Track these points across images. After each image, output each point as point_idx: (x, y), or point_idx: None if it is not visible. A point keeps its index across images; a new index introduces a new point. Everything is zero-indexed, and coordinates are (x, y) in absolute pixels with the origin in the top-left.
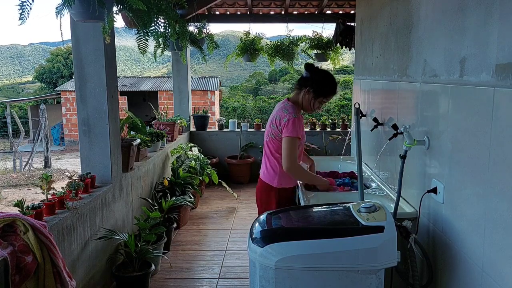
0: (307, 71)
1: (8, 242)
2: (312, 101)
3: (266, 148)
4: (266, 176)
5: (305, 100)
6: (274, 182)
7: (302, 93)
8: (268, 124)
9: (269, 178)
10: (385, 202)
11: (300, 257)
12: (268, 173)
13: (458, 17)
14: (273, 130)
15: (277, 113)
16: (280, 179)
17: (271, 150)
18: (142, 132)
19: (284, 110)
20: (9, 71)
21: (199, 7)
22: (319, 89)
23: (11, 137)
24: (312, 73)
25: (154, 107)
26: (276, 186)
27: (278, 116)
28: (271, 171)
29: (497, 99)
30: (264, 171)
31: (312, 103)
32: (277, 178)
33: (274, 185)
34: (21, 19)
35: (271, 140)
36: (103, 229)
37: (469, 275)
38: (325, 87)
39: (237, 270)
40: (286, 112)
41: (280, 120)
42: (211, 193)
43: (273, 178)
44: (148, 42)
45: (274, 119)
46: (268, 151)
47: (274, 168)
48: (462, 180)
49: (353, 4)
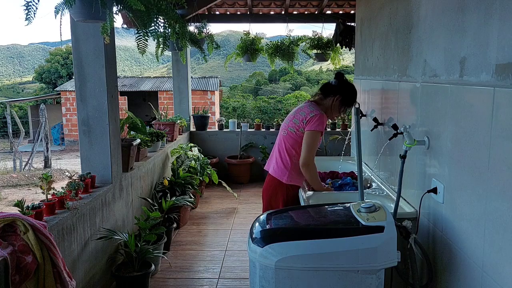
0: (337, 80)
1: (8, 242)
2: (338, 108)
3: (281, 143)
4: (276, 172)
5: (334, 107)
6: (284, 178)
7: (330, 100)
8: (289, 119)
9: (279, 173)
10: (385, 202)
11: (300, 257)
12: (279, 168)
13: (458, 17)
14: (295, 124)
15: (302, 109)
16: (291, 176)
17: (286, 145)
18: (142, 132)
19: (310, 107)
20: (9, 71)
21: (199, 7)
22: (347, 98)
23: (11, 137)
24: (342, 83)
25: (154, 107)
26: (286, 182)
27: (304, 112)
28: (281, 167)
29: (497, 99)
30: (274, 166)
31: (338, 110)
32: (288, 174)
33: (284, 181)
34: (27, 19)
35: (290, 135)
36: (103, 229)
37: (469, 275)
38: (352, 97)
39: (237, 270)
40: (313, 109)
41: (306, 115)
42: (211, 193)
43: (283, 174)
44: (148, 42)
45: (297, 114)
46: (283, 146)
47: (286, 164)
48: (462, 180)
49: (353, 4)
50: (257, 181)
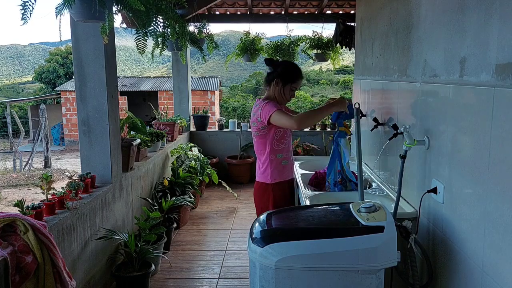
0: (269, 65)
1: (8, 242)
2: (282, 90)
3: (255, 148)
4: (260, 176)
5: (276, 92)
6: (268, 179)
7: (272, 88)
8: (251, 121)
9: (262, 176)
10: (385, 202)
11: (300, 257)
12: (260, 171)
13: (458, 17)
14: (254, 126)
15: (252, 111)
16: (273, 173)
17: (258, 149)
18: (142, 132)
19: (256, 105)
20: (9, 71)
21: (199, 7)
22: (285, 77)
23: (11, 137)
24: (274, 66)
25: (154, 107)
26: (271, 182)
27: (254, 112)
28: (262, 169)
29: (497, 99)
30: (258, 172)
31: (283, 92)
32: (270, 172)
33: (269, 181)
34: (23, 19)
35: (256, 138)
36: (103, 229)
37: (469, 275)
38: (290, 74)
39: (237, 270)
40: (258, 105)
41: (255, 113)
42: (211, 193)
43: (266, 175)
44: (147, 42)
45: (252, 117)
46: (256, 150)
47: (264, 164)
48: (462, 180)
49: (353, 4)
50: None
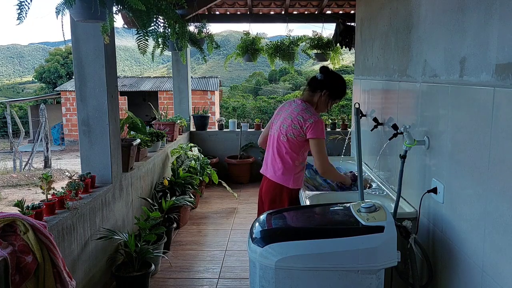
0: (323, 74)
1: (8, 242)
2: (327, 103)
3: (280, 148)
4: (278, 177)
5: (321, 102)
6: (289, 183)
7: (318, 95)
8: (287, 124)
9: (282, 179)
10: (385, 202)
11: (300, 257)
12: (282, 174)
13: (458, 17)
14: (295, 130)
15: (300, 114)
16: (295, 180)
17: (287, 150)
18: (142, 132)
19: (307, 111)
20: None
21: (199, 7)
22: (335, 92)
23: (11, 137)
24: (327, 76)
25: (154, 107)
26: (292, 187)
27: (302, 117)
28: (284, 171)
29: (497, 99)
30: (277, 173)
31: (327, 104)
32: (293, 178)
33: (290, 186)
34: (19, 19)
35: (291, 140)
36: (103, 229)
37: (469, 275)
38: (340, 90)
39: (237, 270)
40: (310, 114)
41: (304, 121)
42: (211, 193)
43: (288, 179)
44: (148, 42)
45: (295, 119)
46: (283, 151)
47: (289, 168)
48: (462, 180)
49: (353, 4)
50: (257, 181)
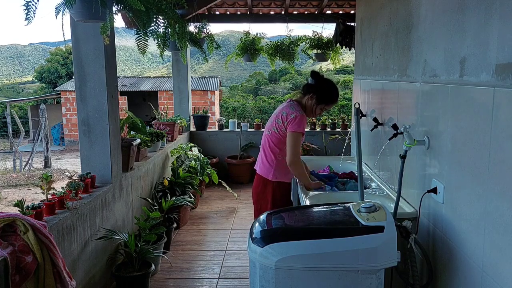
0: (313, 79)
1: (8, 242)
2: (314, 107)
3: (265, 143)
4: (262, 170)
5: (308, 105)
6: (269, 175)
7: (306, 98)
8: (273, 119)
9: (264, 171)
10: (385, 202)
11: (300, 257)
12: (264, 166)
13: (458, 17)
14: (278, 124)
15: (284, 109)
16: (276, 173)
17: (270, 144)
18: (142, 132)
19: (291, 107)
20: (9, 71)
21: (199, 7)
22: (322, 97)
23: (11, 137)
24: (317, 81)
25: (154, 107)
26: (272, 179)
27: (285, 112)
28: (266, 164)
29: (497, 99)
30: (260, 165)
31: (314, 109)
32: (273, 171)
33: (270, 178)
34: (27, 19)
35: (274, 134)
36: (103, 229)
37: (469, 275)
38: (328, 96)
39: (237, 270)
40: (293, 109)
41: (287, 115)
42: (211, 193)
43: (268, 171)
44: (148, 42)
45: (280, 114)
46: (267, 145)
47: (270, 161)
48: (462, 180)
49: (353, 4)
50: None
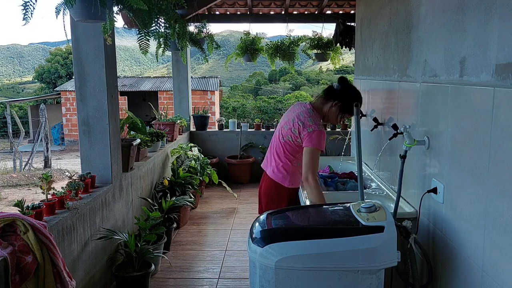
0: (340, 85)
1: (8, 242)
2: (337, 115)
3: (279, 147)
4: (277, 176)
5: (331, 112)
6: (286, 182)
7: (329, 105)
8: (288, 127)
9: (280, 178)
10: (385, 202)
11: (300, 257)
12: (280, 172)
13: (458, 17)
14: (294, 135)
15: (301, 118)
16: (292, 180)
17: (285, 152)
18: (142, 132)
19: (310, 119)
20: (9, 71)
21: (199, 7)
22: (347, 105)
23: (11, 137)
24: (344, 88)
25: (154, 107)
26: (288, 186)
27: (302, 122)
28: (283, 172)
29: (497, 99)
30: (275, 170)
31: (337, 117)
32: (289, 178)
33: (286, 185)
34: (25, 19)
35: (288, 143)
36: (103, 229)
37: (469, 275)
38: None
39: (237, 270)
40: (312, 122)
41: (303, 127)
42: (211, 193)
43: (284, 178)
44: (150, 42)
45: (296, 124)
46: (282, 151)
47: (287, 168)
48: (462, 180)
49: (353, 4)
50: (257, 181)
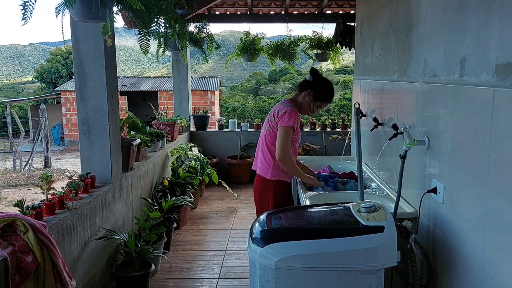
0: (311, 75)
1: (8, 242)
2: (311, 104)
3: (262, 141)
4: (260, 169)
5: (305, 102)
6: (268, 174)
7: (302, 95)
8: (267, 118)
9: (263, 170)
10: (385, 202)
11: (300, 257)
12: (262, 165)
13: (458, 17)
14: (271, 122)
15: (276, 107)
16: (274, 171)
17: (266, 142)
18: (142, 132)
19: (282, 104)
20: (9, 71)
21: (199, 7)
22: (318, 94)
23: (11, 137)
24: (315, 78)
25: (154, 107)
26: (270, 178)
27: (277, 109)
28: (264, 163)
29: (497, 99)
30: (259, 165)
31: (310, 105)
32: (271, 170)
33: (268, 177)
34: (24, 19)
35: (268, 133)
36: (103, 229)
37: (469, 275)
38: (324, 93)
39: (237, 270)
40: (284, 105)
41: (278, 112)
42: (211, 193)
43: (267, 170)
44: (150, 42)
45: (272, 112)
46: (263, 144)
47: (268, 160)
48: (462, 180)
49: (353, 4)
50: None
